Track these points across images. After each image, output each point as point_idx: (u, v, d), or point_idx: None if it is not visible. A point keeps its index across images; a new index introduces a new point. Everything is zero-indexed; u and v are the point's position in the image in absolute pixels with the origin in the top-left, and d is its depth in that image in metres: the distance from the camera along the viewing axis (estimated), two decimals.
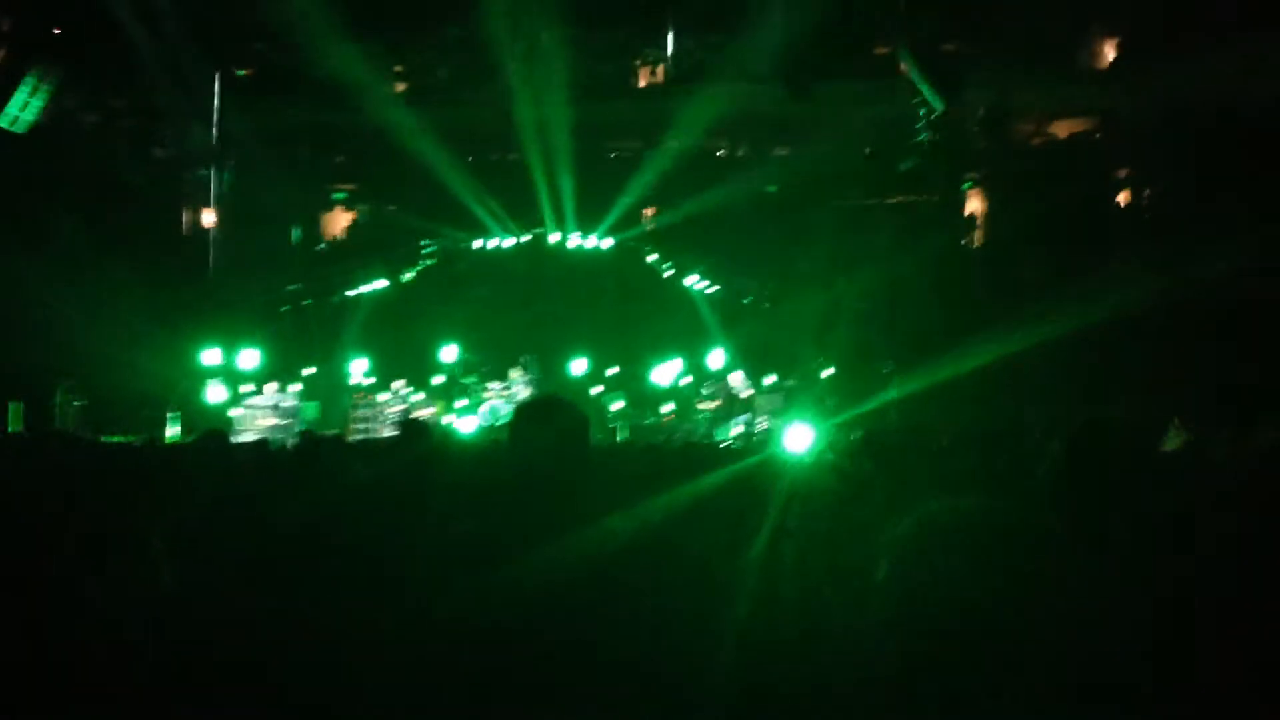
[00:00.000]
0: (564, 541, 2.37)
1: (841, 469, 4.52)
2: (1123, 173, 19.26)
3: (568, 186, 18.97)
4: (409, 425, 5.55)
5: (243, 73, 19.64)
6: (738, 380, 16.96)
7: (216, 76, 18.89)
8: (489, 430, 15.43)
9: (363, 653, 2.63)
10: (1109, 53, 19.56)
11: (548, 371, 17.47)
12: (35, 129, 17.59)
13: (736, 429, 16.32)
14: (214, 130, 19.08)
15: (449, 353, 17.76)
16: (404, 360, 17.80)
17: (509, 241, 19.52)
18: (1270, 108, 16.48)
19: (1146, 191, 18.99)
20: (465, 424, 16.46)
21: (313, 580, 3.85)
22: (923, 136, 18.13)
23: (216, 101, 18.97)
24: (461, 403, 17.11)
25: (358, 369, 17.43)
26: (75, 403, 15.24)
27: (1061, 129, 19.70)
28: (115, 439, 11.99)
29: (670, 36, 20.38)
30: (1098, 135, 19.37)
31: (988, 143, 19.08)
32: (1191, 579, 2.16)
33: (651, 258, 19.86)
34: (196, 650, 2.73)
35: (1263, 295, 15.26)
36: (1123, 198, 19.41)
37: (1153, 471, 2.82)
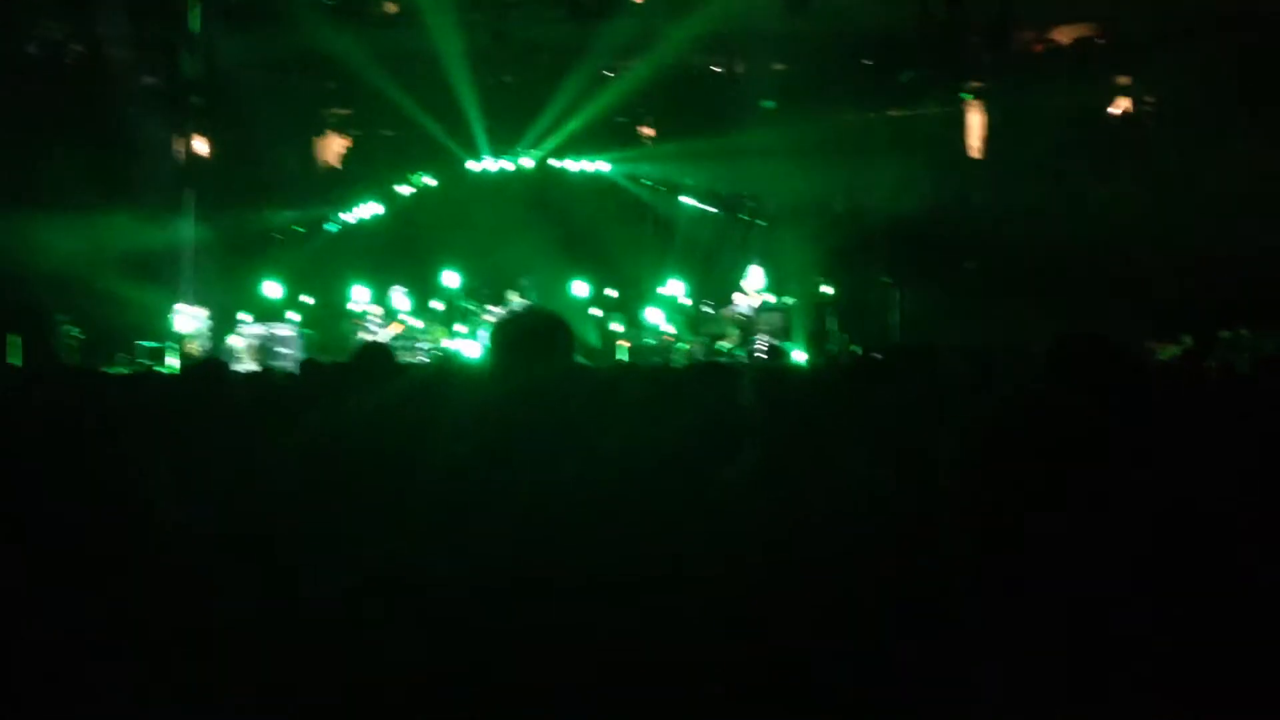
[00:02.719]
0: (554, 454, 2.35)
1: (833, 386, 4.51)
2: (1125, 80, 18.98)
3: (564, 108, 18.75)
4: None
5: None
6: (739, 299, 16.90)
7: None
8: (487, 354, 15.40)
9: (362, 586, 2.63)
10: None
11: (546, 295, 17.41)
12: (24, 61, 17.36)
13: (739, 347, 16.31)
14: (203, 58, 18.79)
15: (448, 278, 17.71)
16: (401, 286, 17.74)
17: (507, 165, 19.34)
18: (1274, 17, 16.22)
19: (1149, 99, 18.74)
20: (468, 348, 16.47)
21: (314, 507, 3.86)
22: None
23: (201, 27, 18.66)
24: (461, 327, 17.10)
25: (357, 296, 17.41)
26: (74, 334, 15.23)
27: (1064, 35, 19.36)
28: (115, 369, 11.99)
29: None
30: (1099, 41, 19.05)
31: (989, 52, 18.79)
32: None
33: (651, 179, 19.69)
34: (199, 587, 2.73)
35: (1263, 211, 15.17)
36: (1124, 106, 19.16)
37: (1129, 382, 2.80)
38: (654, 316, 17.31)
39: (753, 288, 16.81)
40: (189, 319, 15.26)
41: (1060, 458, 1.72)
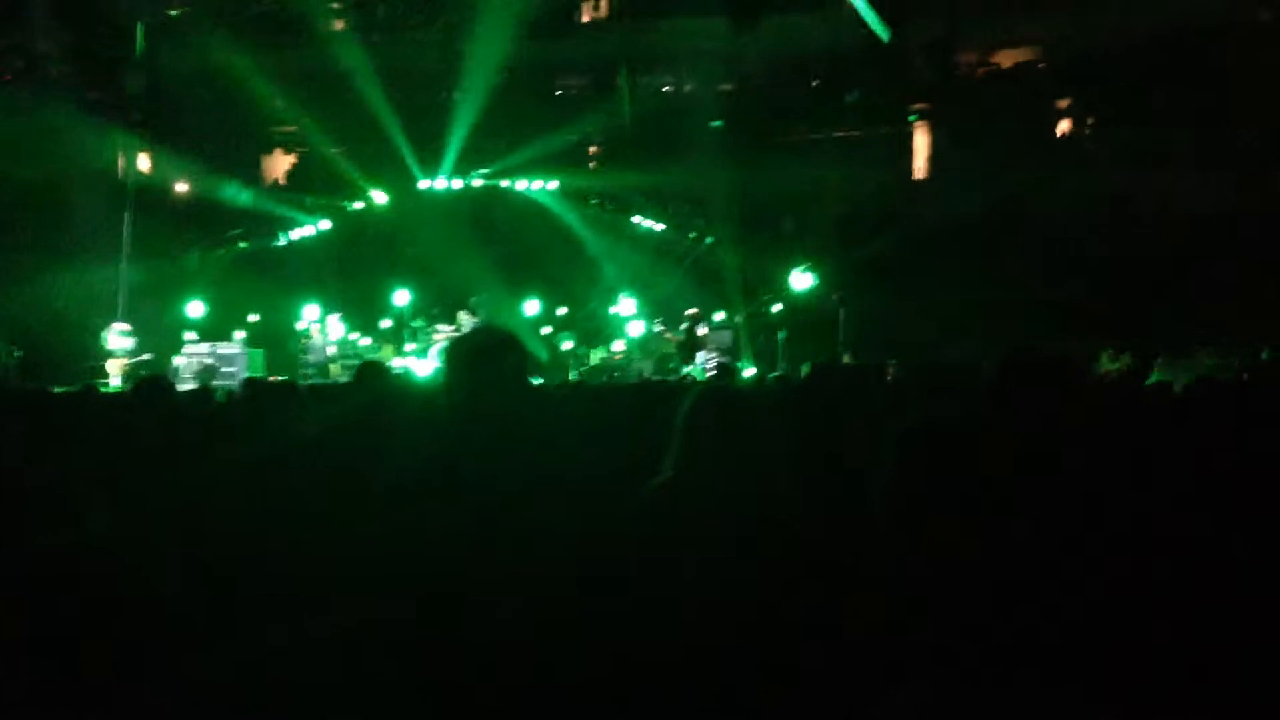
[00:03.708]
0: (499, 470, 2.37)
1: (781, 403, 4.55)
2: (1064, 103, 19.38)
3: (514, 126, 18.77)
4: (365, 367, 5.48)
5: (175, 13, 19.10)
6: (689, 317, 16.99)
7: (144, 17, 18.37)
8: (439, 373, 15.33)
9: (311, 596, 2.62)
10: None
11: (498, 314, 17.38)
12: None
13: (688, 365, 16.37)
14: (145, 74, 18.60)
15: (399, 297, 17.62)
16: (351, 305, 17.63)
17: (456, 184, 19.29)
18: (1212, 33, 16.64)
19: (1089, 121, 19.15)
20: (418, 366, 16.38)
21: (259, 523, 3.83)
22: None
23: (142, 44, 18.47)
24: (411, 345, 17.01)
25: (305, 315, 17.27)
26: (15, 354, 14.96)
27: (1005, 59, 19.74)
28: (55, 389, 11.78)
29: None
30: (1040, 65, 19.45)
31: (933, 74, 19.10)
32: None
33: (599, 198, 19.74)
34: (141, 605, 2.70)
35: (1208, 222, 15.53)
36: (1064, 127, 19.55)
37: (1080, 396, 2.87)
38: (604, 335, 17.35)
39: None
40: (119, 337, 15.03)
41: (987, 472, 1.76)
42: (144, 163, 18.86)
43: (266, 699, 2.26)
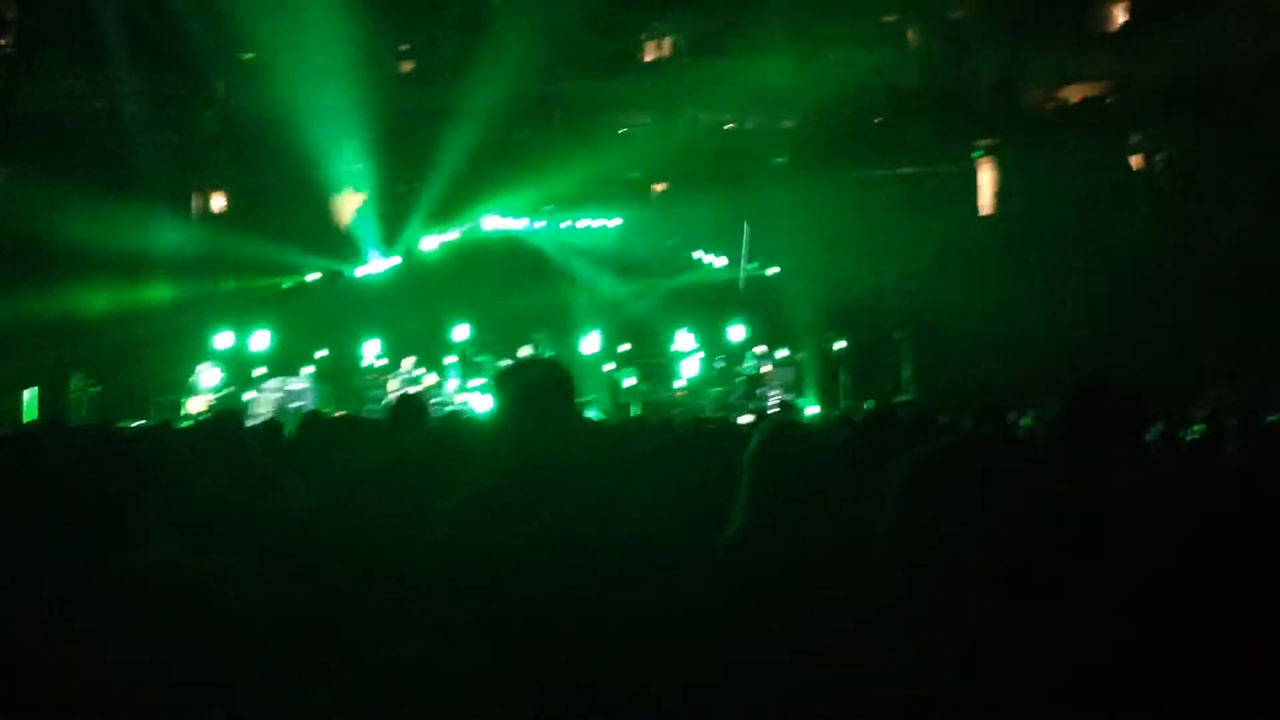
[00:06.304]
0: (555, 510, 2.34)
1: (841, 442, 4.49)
2: (1135, 138, 19.10)
3: (581, 164, 18.90)
4: (403, 402, 5.45)
5: (249, 56, 19.58)
6: (751, 355, 16.93)
7: (220, 61, 18.85)
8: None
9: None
10: (1119, 16, 19.36)
11: (561, 348, 17.45)
12: (47, 115, 17.61)
13: (748, 403, 16.29)
14: (223, 112, 19.07)
15: (461, 331, 17.76)
16: (416, 340, 17.80)
17: (522, 222, 19.49)
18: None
19: (1159, 156, 18.84)
20: (479, 402, 16.46)
21: (320, 567, 3.87)
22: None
23: (225, 83, 18.95)
24: (475, 381, 17.10)
25: (369, 350, 17.46)
26: (91, 390, 15.31)
27: (1074, 94, 19.52)
28: (129, 424, 12.04)
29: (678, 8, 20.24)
30: (1109, 100, 19.20)
31: (998, 109, 18.95)
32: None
33: (662, 233, 19.80)
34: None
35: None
36: (1135, 162, 19.26)
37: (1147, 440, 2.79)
38: (666, 372, 17.35)
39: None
40: (210, 374, 15.43)
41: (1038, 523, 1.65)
42: (218, 201, 19.31)
43: None
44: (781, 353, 17.32)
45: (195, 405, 14.99)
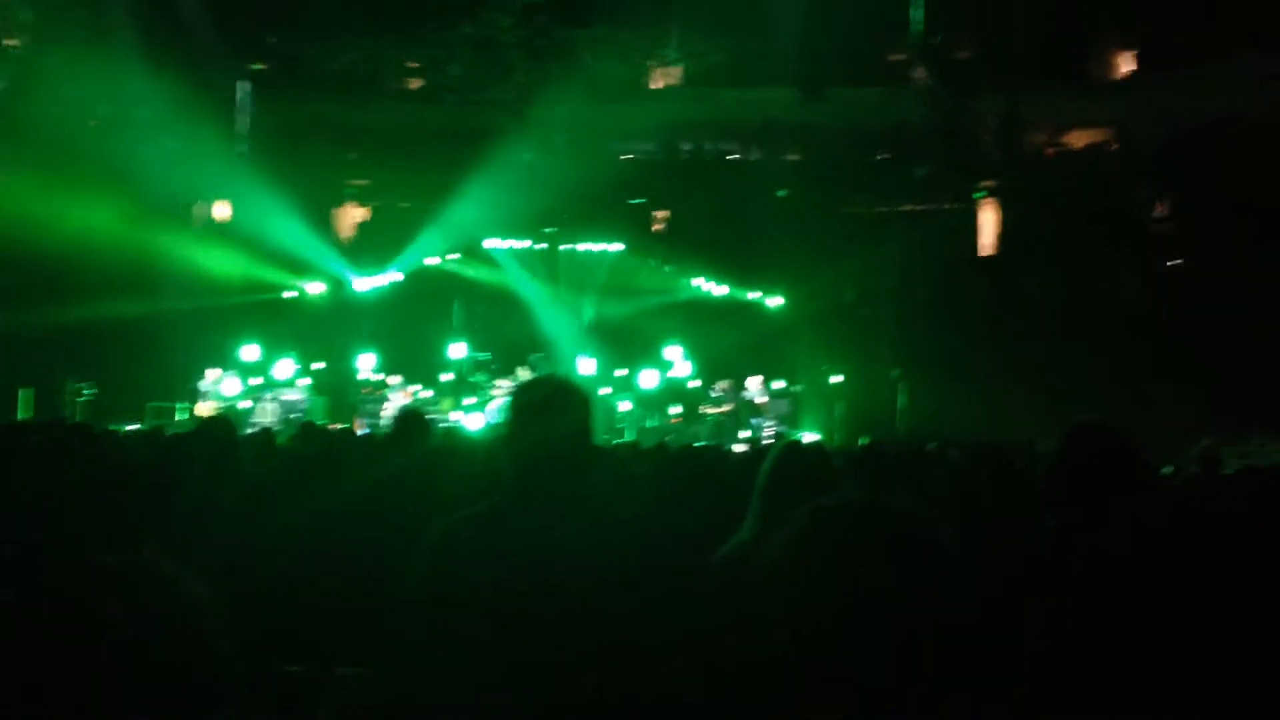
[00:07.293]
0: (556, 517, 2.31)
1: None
2: (1137, 186, 19.19)
3: (581, 189, 18.94)
4: (406, 417, 5.43)
5: (258, 67, 19.66)
6: (750, 385, 16.92)
7: (237, 69, 18.93)
8: (496, 428, 15.37)
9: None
10: (1123, 65, 19.50)
11: (556, 371, 17.44)
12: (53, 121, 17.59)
13: (744, 433, 16.29)
14: (231, 123, 19.11)
15: (455, 350, 17.77)
16: (412, 356, 17.80)
17: (520, 243, 19.53)
18: None
19: (1159, 205, 18.92)
20: (472, 421, 16.45)
21: (308, 575, 3.85)
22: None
23: (237, 95, 19.01)
24: (469, 400, 17.10)
25: (365, 364, 17.46)
26: (85, 392, 15.28)
27: (1077, 140, 19.64)
28: (121, 428, 12.01)
29: (684, 40, 20.36)
30: (1112, 147, 19.30)
31: (1001, 152, 19.05)
32: None
33: (660, 261, 19.85)
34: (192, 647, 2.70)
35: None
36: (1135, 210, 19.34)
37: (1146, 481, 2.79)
38: (660, 398, 17.33)
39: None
40: (230, 383, 15.63)
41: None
42: (223, 209, 19.31)
43: None
44: (778, 384, 17.33)
45: (204, 410, 15.05)
